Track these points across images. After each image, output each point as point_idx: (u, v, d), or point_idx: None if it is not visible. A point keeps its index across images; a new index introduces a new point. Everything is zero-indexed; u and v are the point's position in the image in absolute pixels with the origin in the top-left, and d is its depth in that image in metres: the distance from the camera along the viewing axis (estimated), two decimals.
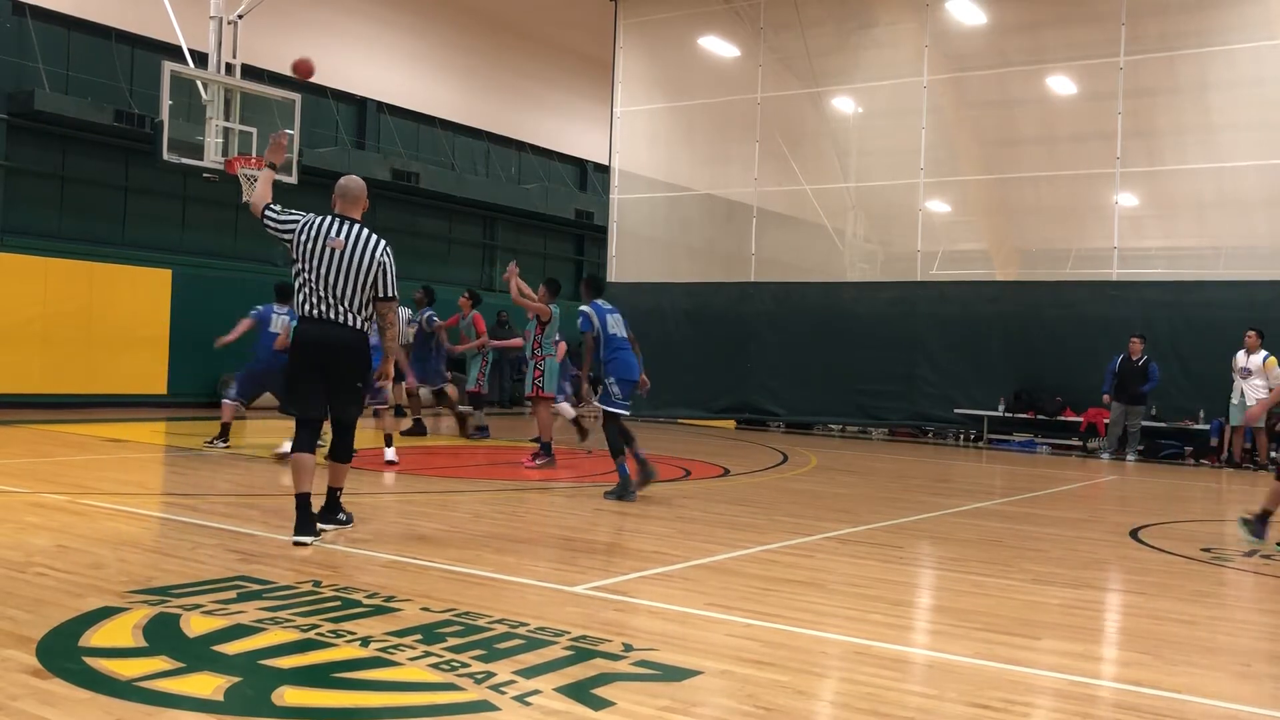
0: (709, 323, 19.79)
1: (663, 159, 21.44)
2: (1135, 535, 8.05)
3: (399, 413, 13.37)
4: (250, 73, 14.98)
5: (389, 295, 6.27)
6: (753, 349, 19.28)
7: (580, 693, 3.60)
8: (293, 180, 14.31)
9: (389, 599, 4.79)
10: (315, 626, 4.28)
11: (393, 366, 6.57)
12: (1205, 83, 16.66)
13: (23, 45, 17.01)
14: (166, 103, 13.41)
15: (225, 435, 11.38)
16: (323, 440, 6.55)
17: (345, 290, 6.13)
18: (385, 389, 9.79)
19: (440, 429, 15.23)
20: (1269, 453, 14.80)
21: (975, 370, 17.47)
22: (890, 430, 18.70)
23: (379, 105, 22.83)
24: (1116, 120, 16.82)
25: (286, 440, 9.76)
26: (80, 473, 9.00)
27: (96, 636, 4.04)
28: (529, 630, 4.34)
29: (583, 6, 22.97)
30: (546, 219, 26.24)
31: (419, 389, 14.12)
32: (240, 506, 7.66)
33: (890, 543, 7.25)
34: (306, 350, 6.18)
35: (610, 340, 9.01)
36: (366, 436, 10.86)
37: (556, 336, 11.46)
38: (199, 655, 3.85)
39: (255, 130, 14.06)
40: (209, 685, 3.53)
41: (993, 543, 7.51)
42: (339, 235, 6.15)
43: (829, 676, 4.05)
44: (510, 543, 6.53)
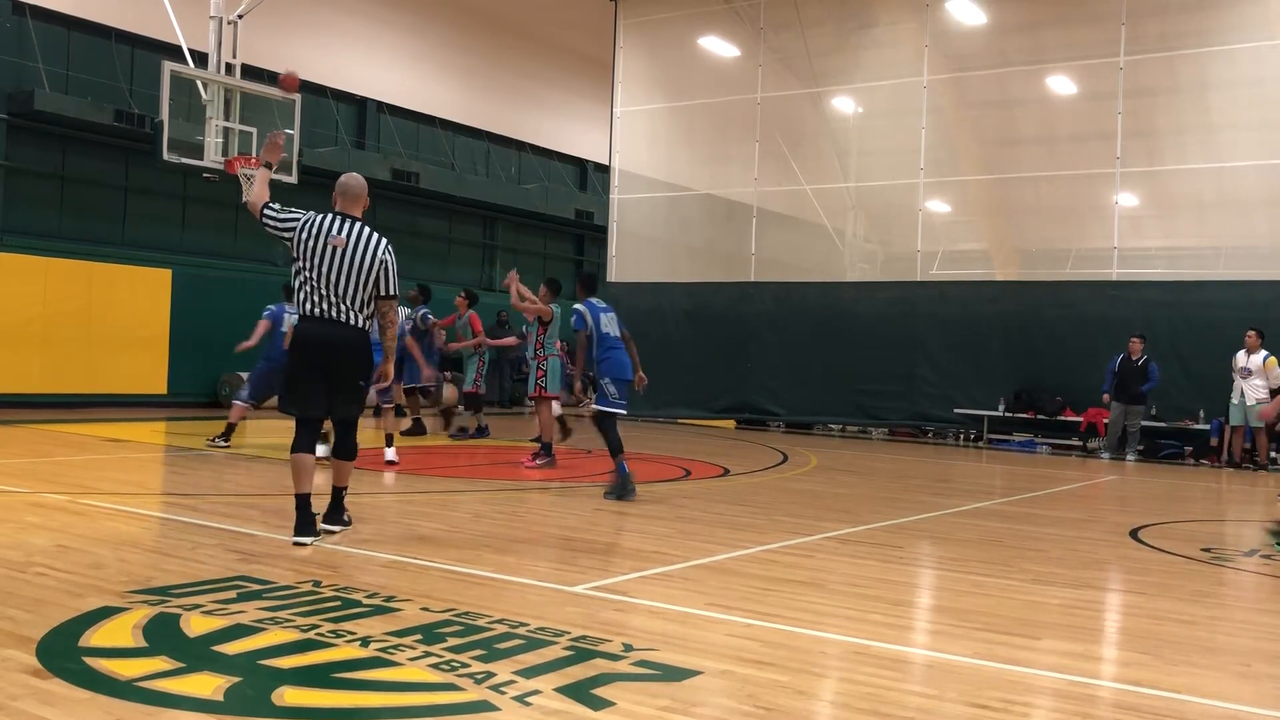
0: (709, 323, 19.78)
1: (663, 159, 21.44)
2: (1135, 535, 8.05)
3: (399, 412, 13.36)
4: (250, 73, 14.97)
5: (390, 294, 6.24)
6: (753, 349, 19.28)
7: (580, 693, 3.60)
8: (293, 180, 14.33)
9: (389, 599, 4.79)
10: (315, 626, 4.28)
11: (393, 367, 6.56)
12: (1205, 83, 16.66)
13: (23, 45, 17.01)
14: (166, 103, 13.43)
15: (228, 435, 11.38)
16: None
17: (347, 289, 6.08)
18: (391, 388, 9.79)
19: (437, 429, 15.22)
20: (1269, 453, 14.80)
21: (975, 370, 17.47)
22: (890, 430, 18.70)
23: (379, 105, 22.83)
24: (1116, 120, 16.82)
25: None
26: (80, 473, 9.00)
27: (96, 636, 4.04)
28: (529, 630, 4.34)
29: (583, 6, 22.97)
30: (546, 219, 26.24)
31: (428, 387, 14.09)
32: (240, 506, 7.66)
33: (890, 543, 7.25)
34: (307, 349, 6.14)
35: (604, 339, 9.01)
36: (367, 436, 10.85)
37: (558, 336, 11.47)
38: (199, 655, 3.85)
39: (255, 130, 14.08)
40: (209, 685, 3.53)
41: (993, 543, 7.51)
42: (340, 233, 6.10)
43: (829, 676, 4.05)
44: (510, 543, 6.53)
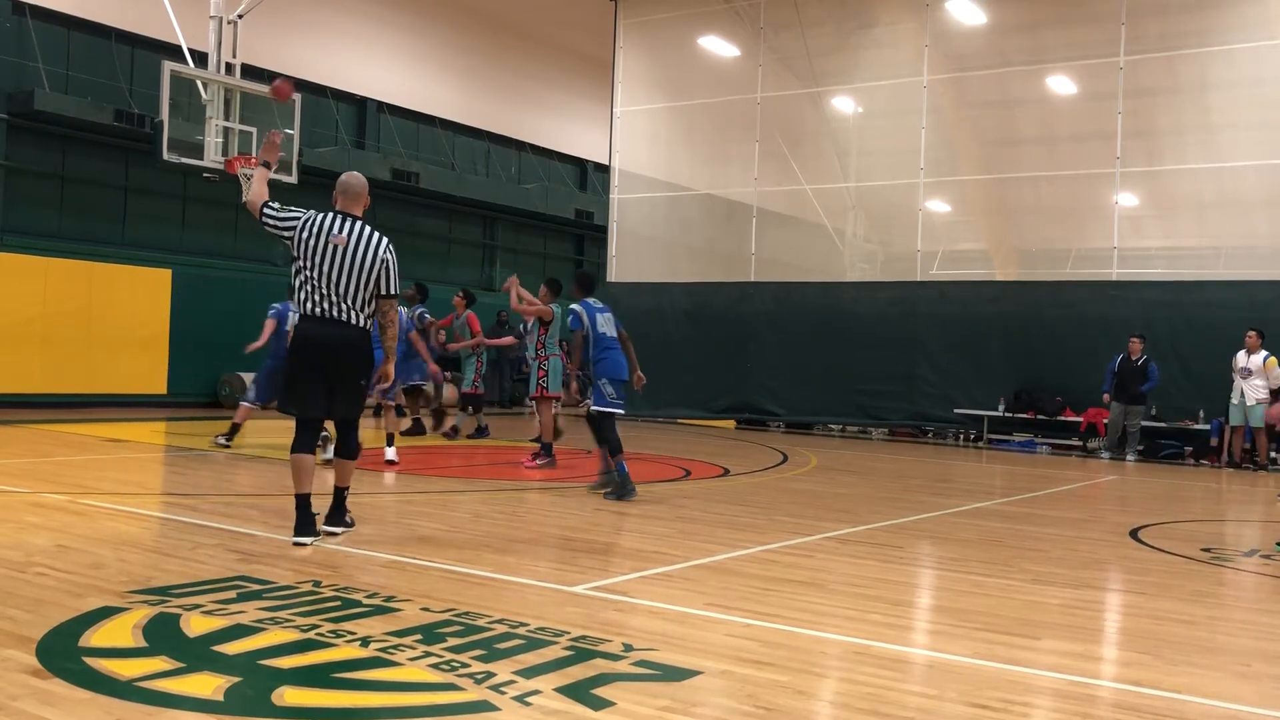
0: (709, 323, 19.78)
1: (663, 159, 21.44)
2: (1135, 535, 8.05)
3: (399, 412, 13.35)
4: (250, 72, 14.98)
5: (391, 293, 6.22)
6: (753, 349, 19.28)
7: (580, 693, 3.60)
8: (293, 180, 14.32)
9: (389, 599, 4.79)
10: (315, 626, 4.28)
11: (393, 367, 6.54)
12: (1205, 83, 16.66)
13: (23, 45, 17.01)
14: (166, 102, 13.42)
15: (232, 435, 11.38)
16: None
17: (348, 288, 6.05)
18: (393, 387, 9.79)
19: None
20: (1269, 453, 14.80)
21: (975, 370, 17.47)
22: (890, 430, 18.70)
23: (379, 105, 22.83)
24: (1116, 120, 16.82)
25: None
26: (80, 473, 9.00)
27: (96, 636, 4.03)
28: (529, 630, 4.34)
29: (583, 6, 22.97)
30: (546, 219, 26.24)
31: (427, 386, 14.06)
32: (240, 506, 7.66)
33: (890, 543, 7.25)
34: (307, 349, 6.11)
35: (600, 339, 8.99)
36: (367, 436, 10.83)
37: (560, 336, 11.47)
38: (199, 655, 3.85)
39: (255, 130, 14.06)
40: (209, 685, 3.53)
41: (993, 543, 7.51)
42: (341, 232, 6.07)
43: (829, 676, 4.05)
44: (510, 543, 6.53)
